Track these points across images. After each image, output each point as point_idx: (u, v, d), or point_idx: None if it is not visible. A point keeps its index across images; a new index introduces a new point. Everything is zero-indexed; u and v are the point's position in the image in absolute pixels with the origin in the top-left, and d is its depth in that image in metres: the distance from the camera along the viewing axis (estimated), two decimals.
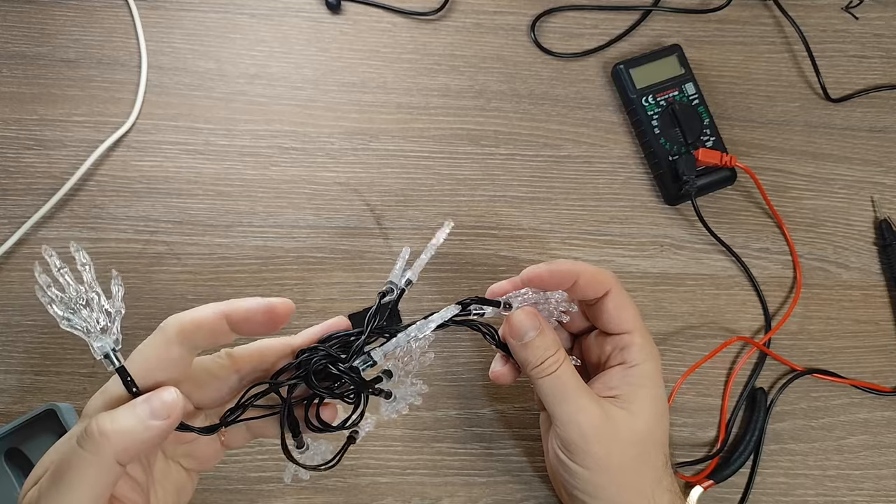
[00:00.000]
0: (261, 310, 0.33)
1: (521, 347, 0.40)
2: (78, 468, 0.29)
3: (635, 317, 0.43)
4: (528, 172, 0.57)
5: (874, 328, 0.56)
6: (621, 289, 0.43)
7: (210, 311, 0.32)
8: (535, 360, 0.40)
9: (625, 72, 0.58)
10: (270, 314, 0.33)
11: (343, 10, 0.59)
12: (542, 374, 0.40)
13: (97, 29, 0.56)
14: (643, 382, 0.42)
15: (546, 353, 0.40)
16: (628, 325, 0.42)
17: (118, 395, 0.32)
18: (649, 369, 0.42)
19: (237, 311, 0.32)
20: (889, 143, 0.61)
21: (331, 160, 0.56)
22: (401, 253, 0.39)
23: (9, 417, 0.48)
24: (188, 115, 0.55)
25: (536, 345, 0.40)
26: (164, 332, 0.32)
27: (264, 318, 0.33)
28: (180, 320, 0.32)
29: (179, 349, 0.32)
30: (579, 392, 0.40)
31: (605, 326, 0.43)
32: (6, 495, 0.47)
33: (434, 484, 0.50)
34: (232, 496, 0.48)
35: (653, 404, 0.41)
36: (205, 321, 0.32)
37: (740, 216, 0.58)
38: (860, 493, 0.53)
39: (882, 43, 0.63)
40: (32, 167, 0.53)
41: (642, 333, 0.43)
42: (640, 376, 0.42)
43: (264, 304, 0.33)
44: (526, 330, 0.40)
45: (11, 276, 0.51)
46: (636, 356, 0.42)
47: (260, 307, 0.33)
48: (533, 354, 0.40)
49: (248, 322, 0.33)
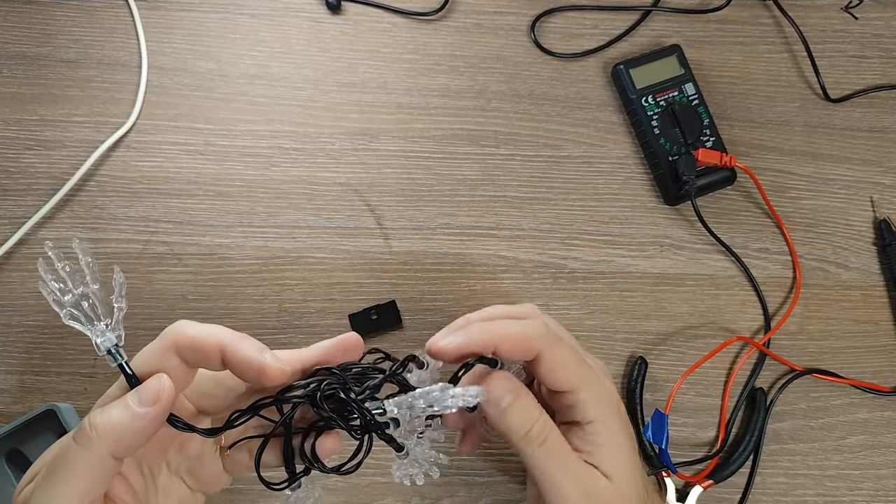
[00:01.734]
0: (254, 366, 0.32)
1: (501, 416, 0.36)
2: (71, 461, 0.30)
3: (575, 372, 0.38)
4: (527, 172, 0.57)
5: (874, 328, 0.57)
6: (552, 345, 0.37)
7: (212, 340, 0.32)
8: (519, 427, 0.36)
9: (625, 72, 0.58)
10: (261, 374, 0.32)
11: (343, 10, 0.59)
12: (532, 445, 0.36)
13: (97, 29, 0.57)
14: (605, 439, 0.38)
15: (530, 418, 0.36)
16: (568, 385, 0.38)
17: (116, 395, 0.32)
18: (605, 422, 0.38)
19: (235, 354, 0.32)
20: (888, 143, 0.61)
21: (331, 160, 0.56)
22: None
23: (9, 417, 0.48)
24: (188, 115, 0.55)
25: (516, 410, 0.36)
26: (163, 340, 0.32)
27: (254, 374, 0.32)
28: (179, 334, 0.32)
29: (176, 361, 0.32)
30: (569, 461, 0.37)
31: (546, 385, 0.39)
32: (6, 495, 0.47)
33: (434, 484, 0.50)
34: (233, 496, 0.48)
35: (623, 460, 0.38)
36: (202, 345, 0.32)
37: (740, 216, 0.58)
38: (860, 492, 0.53)
39: (881, 43, 0.63)
40: (33, 167, 0.53)
41: (587, 385, 0.38)
42: (600, 433, 0.38)
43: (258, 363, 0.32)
44: (501, 395, 0.36)
45: (12, 277, 0.51)
46: (588, 413, 0.38)
47: (254, 364, 0.32)
48: (515, 422, 0.36)
49: (240, 369, 0.32)
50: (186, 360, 0.32)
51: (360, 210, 0.55)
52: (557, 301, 0.55)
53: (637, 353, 0.54)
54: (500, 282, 0.54)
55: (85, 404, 0.49)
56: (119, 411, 0.30)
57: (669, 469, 0.49)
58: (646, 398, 0.53)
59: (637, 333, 0.55)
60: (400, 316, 0.52)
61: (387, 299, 0.53)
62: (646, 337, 0.55)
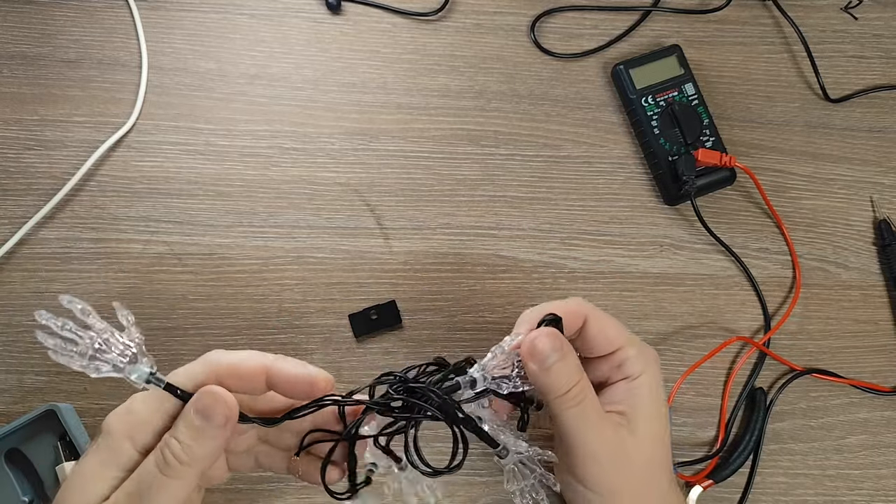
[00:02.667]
0: (305, 380, 0.33)
1: (543, 373, 0.36)
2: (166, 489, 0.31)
3: (620, 330, 0.42)
4: (527, 172, 0.57)
5: (873, 328, 0.57)
6: (596, 309, 0.41)
7: (253, 363, 0.33)
8: (560, 388, 0.37)
9: (624, 72, 0.58)
10: (313, 387, 0.33)
11: (343, 10, 0.59)
12: (567, 406, 0.37)
13: (97, 29, 0.57)
14: (645, 398, 0.40)
15: (570, 380, 0.37)
16: (618, 342, 0.41)
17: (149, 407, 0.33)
18: (650, 380, 0.41)
19: (280, 373, 0.33)
20: (888, 143, 0.61)
21: (331, 160, 0.56)
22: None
23: (9, 417, 0.48)
24: (189, 115, 0.55)
25: (559, 370, 0.37)
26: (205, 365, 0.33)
27: (305, 389, 0.33)
28: (220, 362, 0.33)
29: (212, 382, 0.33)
30: (601, 422, 0.38)
31: (595, 351, 0.41)
32: (6, 495, 0.47)
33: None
34: (233, 496, 0.48)
35: (658, 422, 0.40)
36: (245, 371, 0.33)
37: (740, 216, 0.58)
38: (860, 492, 0.53)
39: (881, 43, 0.63)
40: (33, 167, 0.53)
41: (633, 343, 0.42)
42: (642, 389, 0.41)
43: (308, 377, 0.33)
44: (548, 353, 0.36)
45: (12, 277, 0.51)
46: (635, 367, 0.41)
47: (304, 378, 0.33)
48: (557, 381, 0.37)
49: (289, 387, 0.33)
50: (228, 386, 0.33)
51: (360, 210, 0.55)
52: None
53: None
54: (500, 282, 0.54)
55: (85, 404, 0.49)
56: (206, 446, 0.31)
57: None
58: None
59: (637, 333, 0.53)
60: (400, 316, 0.53)
61: (387, 299, 0.53)
62: (645, 337, 0.55)
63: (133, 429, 0.32)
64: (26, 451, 0.47)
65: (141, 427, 0.32)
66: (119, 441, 0.32)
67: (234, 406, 0.32)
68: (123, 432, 0.32)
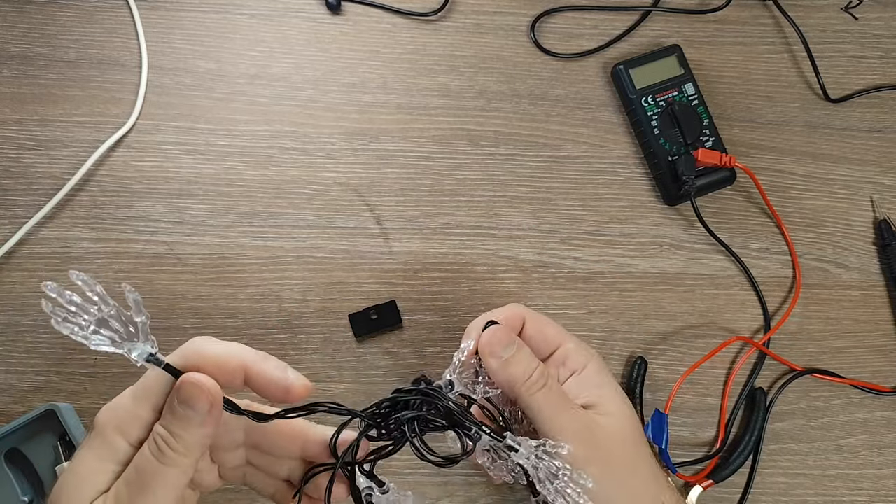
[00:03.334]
0: (281, 385, 0.33)
1: (504, 365, 0.39)
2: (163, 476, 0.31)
3: (558, 329, 0.43)
4: (527, 172, 0.57)
5: (873, 328, 0.57)
6: (532, 312, 0.43)
7: (233, 360, 0.33)
8: (523, 375, 0.39)
9: (624, 72, 0.58)
10: (287, 393, 0.33)
11: (343, 10, 0.59)
12: (534, 389, 0.39)
13: (97, 29, 0.57)
14: (600, 381, 0.42)
15: (530, 366, 0.39)
16: (556, 340, 0.43)
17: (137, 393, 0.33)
18: (596, 366, 0.42)
19: (259, 375, 0.33)
20: (888, 143, 0.61)
21: (331, 160, 0.56)
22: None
23: (9, 417, 0.48)
24: (188, 115, 0.55)
25: (519, 359, 0.39)
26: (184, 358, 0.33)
27: (280, 393, 0.33)
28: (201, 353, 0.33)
29: None
30: (569, 402, 0.40)
31: (537, 352, 0.42)
32: (6, 495, 0.47)
33: (434, 484, 0.50)
34: (233, 495, 0.48)
35: (620, 400, 0.42)
36: (225, 365, 0.33)
37: (740, 216, 0.58)
38: (859, 492, 0.53)
39: (881, 43, 0.63)
40: (33, 167, 0.53)
41: (571, 338, 0.43)
42: (593, 375, 0.42)
43: (284, 382, 0.33)
44: (504, 346, 0.39)
45: (12, 276, 0.51)
46: (579, 360, 0.42)
47: (281, 383, 0.33)
48: (518, 369, 0.39)
49: (263, 389, 0.33)
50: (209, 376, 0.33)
51: (360, 210, 0.55)
52: (557, 301, 0.55)
53: (637, 352, 0.54)
54: (500, 282, 0.54)
55: (85, 404, 0.49)
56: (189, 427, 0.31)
57: (669, 469, 0.49)
58: (646, 398, 0.53)
59: (637, 333, 0.55)
60: (400, 316, 0.53)
61: (387, 299, 0.53)
62: (645, 337, 0.55)
63: (124, 423, 0.32)
64: (26, 450, 0.47)
65: (131, 421, 0.32)
66: (111, 435, 0.32)
67: (216, 392, 0.32)
68: (115, 426, 0.32)
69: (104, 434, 0.32)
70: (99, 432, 0.32)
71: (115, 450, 0.32)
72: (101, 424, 0.32)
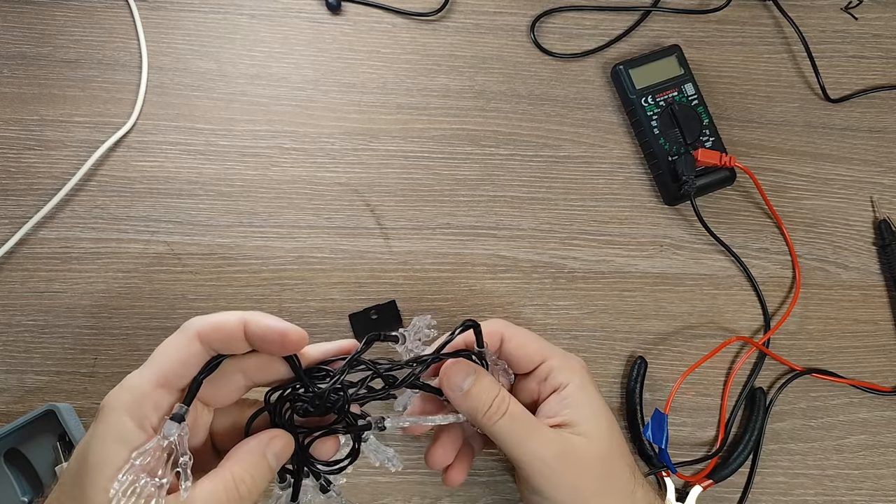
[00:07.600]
0: (277, 332, 0.35)
1: (464, 398, 0.39)
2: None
3: (541, 344, 0.43)
4: (527, 172, 0.57)
5: (873, 328, 0.57)
6: (512, 327, 0.43)
7: (231, 317, 0.35)
8: (482, 405, 0.39)
9: (624, 72, 0.58)
10: (283, 340, 0.35)
11: (343, 10, 0.59)
12: (494, 419, 0.39)
13: (98, 29, 0.57)
14: (580, 401, 0.41)
15: (490, 395, 0.39)
16: (539, 356, 0.42)
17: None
18: (579, 384, 0.41)
19: (257, 325, 0.35)
20: (888, 143, 0.61)
21: (331, 160, 0.56)
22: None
23: (9, 417, 0.48)
24: (189, 115, 0.55)
25: (477, 391, 0.39)
26: (185, 332, 0.35)
27: (278, 341, 0.35)
28: (201, 323, 0.35)
29: (198, 348, 0.34)
30: (536, 425, 0.39)
31: (518, 368, 0.43)
32: (5, 495, 0.47)
33: (434, 483, 0.50)
34: None
35: (599, 419, 0.41)
36: (224, 326, 0.35)
37: (739, 216, 0.58)
38: (859, 492, 0.53)
39: (881, 43, 0.63)
40: (33, 167, 0.53)
41: (555, 354, 0.42)
42: (575, 392, 0.41)
43: (280, 328, 0.35)
44: (462, 378, 0.39)
45: (12, 276, 0.51)
46: (561, 377, 0.41)
47: (277, 330, 0.35)
48: (477, 400, 0.39)
49: (263, 339, 0.35)
50: (211, 345, 0.35)
51: (360, 210, 0.55)
52: (557, 301, 0.55)
53: (637, 352, 0.54)
54: (500, 282, 0.54)
55: (85, 404, 0.49)
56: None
57: (669, 469, 0.49)
58: (645, 398, 0.53)
59: (637, 333, 0.55)
60: (400, 316, 0.53)
61: (387, 299, 0.53)
62: (645, 337, 0.55)
63: (133, 403, 0.33)
64: (26, 451, 0.47)
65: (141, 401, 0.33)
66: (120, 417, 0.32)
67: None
68: (123, 408, 0.32)
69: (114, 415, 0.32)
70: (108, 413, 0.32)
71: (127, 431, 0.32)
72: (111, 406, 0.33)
